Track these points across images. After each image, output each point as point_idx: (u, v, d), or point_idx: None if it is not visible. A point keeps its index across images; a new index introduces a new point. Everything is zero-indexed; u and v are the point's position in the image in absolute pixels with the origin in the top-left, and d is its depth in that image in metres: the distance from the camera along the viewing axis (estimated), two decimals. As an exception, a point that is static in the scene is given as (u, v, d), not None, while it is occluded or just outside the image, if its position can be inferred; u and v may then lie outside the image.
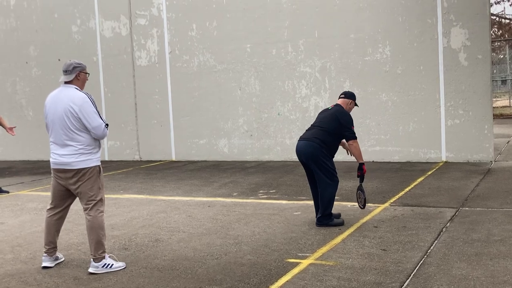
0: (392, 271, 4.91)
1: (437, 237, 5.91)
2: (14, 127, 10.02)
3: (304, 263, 5.22)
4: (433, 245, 5.64)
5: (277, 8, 12.73)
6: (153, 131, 14.28)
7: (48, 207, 5.53)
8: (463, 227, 6.29)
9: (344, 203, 7.77)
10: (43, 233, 5.53)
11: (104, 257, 5.26)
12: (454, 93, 11.35)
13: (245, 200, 8.42)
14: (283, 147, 12.93)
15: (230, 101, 13.36)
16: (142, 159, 14.41)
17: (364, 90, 12.08)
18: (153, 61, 14.12)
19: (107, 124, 5.33)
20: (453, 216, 6.82)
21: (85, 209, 5.33)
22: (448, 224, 6.45)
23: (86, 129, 5.23)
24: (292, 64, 12.71)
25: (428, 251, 5.43)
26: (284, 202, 8.16)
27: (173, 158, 14.08)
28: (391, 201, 7.89)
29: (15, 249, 6.21)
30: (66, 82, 5.35)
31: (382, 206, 7.55)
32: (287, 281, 4.76)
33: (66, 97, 5.26)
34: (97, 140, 5.35)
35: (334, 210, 6.78)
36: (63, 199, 5.47)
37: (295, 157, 12.20)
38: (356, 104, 7.15)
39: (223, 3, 13.23)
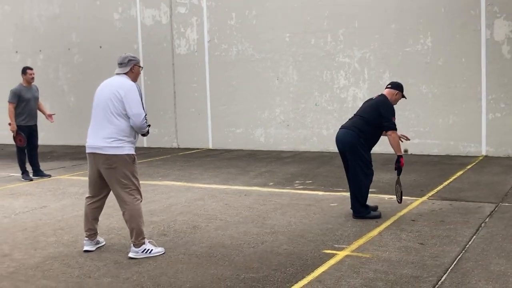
0: (430, 265, 4.88)
1: (475, 232, 5.84)
2: (53, 114, 10.34)
3: (341, 254, 5.23)
4: (472, 240, 5.58)
5: (317, -3, 12.66)
6: (191, 119, 14.41)
7: (87, 195, 5.66)
8: (502, 222, 6.20)
9: (381, 196, 7.73)
10: (83, 217, 5.66)
11: (144, 243, 5.35)
12: (496, 86, 11.13)
13: (281, 190, 8.45)
14: (320, 137, 12.89)
15: (268, 91, 13.37)
16: (179, 147, 14.56)
17: (404, 81, 11.77)
18: (192, 49, 14.22)
19: (149, 125, 5.42)
20: (492, 211, 6.72)
21: (117, 196, 5.40)
22: (487, 219, 6.36)
23: (126, 116, 5.27)
24: (331, 54, 12.63)
25: (466, 246, 5.38)
26: (320, 193, 8.16)
27: (210, 146, 14.19)
28: (430, 194, 7.81)
29: (57, 232, 6.37)
30: (118, 73, 5.49)
31: (420, 200, 7.48)
32: (323, 272, 4.78)
33: (116, 82, 5.39)
34: (133, 130, 5.35)
35: (371, 203, 6.77)
36: (100, 188, 5.53)
37: (332, 148, 12.22)
38: (403, 96, 7.01)
39: (263, -8, 13.23)
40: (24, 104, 9.91)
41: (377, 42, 12.15)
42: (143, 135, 5.50)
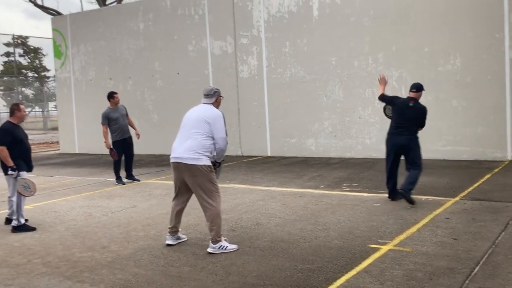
0: (463, 258, 4.73)
1: (504, 229, 5.62)
2: (139, 134, 10.73)
3: (384, 248, 5.13)
4: (500, 236, 5.38)
5: (359, 26, 12.51)
6: (252, 131, 14.48)
7: (173, 197, 5.74)
8: (529, 221, 5.94)
9: (419, 196, 7.53)
10: (168, 215, 5.76)
11: (221, 240, 5.32)
12: (520, 99, 10.69)
13: (331, 192, 8.36)
14: (364, 146, 12.70)
15: (317, 107, 13.30)
16: (243, 154, 14.65)
17: (436, 96, 11.64)
18: (253, 73, 14.31)
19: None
20: (519, 210, 6.45)
21: (200, 199, 5.32)
22: (515, 218, 6.11)
23: (208, 136, 5.32)
24: (372, 74, 12.44)
25: (496, 242, 5.18)
26: (365, 194, 8.03)
27: (269, 154, 14.22)
28: (461, 195, 7.56)
29: (145, 228, 6.50)
30: (204, 103, 5.58)
31: (453, 200, 7.25)
32: (369, 263, 4.71)
33: (204, 109, 5.51)
34: (211, 148, 5.37)
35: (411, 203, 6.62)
36: (183, 192, 5.54)
37: (374, 155, 12.03)
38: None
39: (312, 23, 13.18)
40: (114, 123, 10.06)
41: (413, 63, 11.89)
42: (220, 157, 5.52)
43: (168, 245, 5.61)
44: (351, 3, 12.59)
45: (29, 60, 51.95)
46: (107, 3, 32.85)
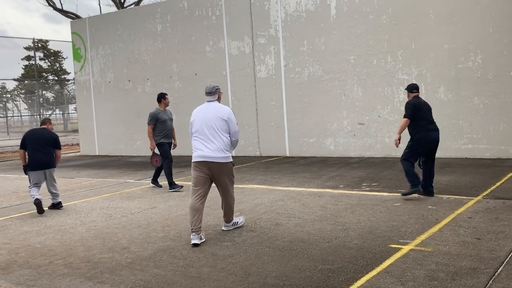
0: (486, 258, 4.65)
1: (529, 229, 5.52)
2: (176, 144, 10.04)
3: (405, 248, 5.07)
4: (525, 236, 5.27)
5: (378, 23, 12.42)
6: (270, 131, 14.48)
7: (194, 196, 5.86)
8: (554, 220, 5.82)
9: (440, 196, 7.45)
10: (187, 215, 5.79)
11: (233, 219, 6.25)
12: (544, 96, 10.49)
13: (350, 192, 8.30)
14: (383, 145, 12.60)
15: (336, 106, 13.23)
16: (262, 155, 14.66)
17: (457, 94, 11.49)
18: (270, 73, 14.30)
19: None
20: (544, 209, 6.33)
21: (225, 190, 6.03)
22: (540, 216, 5.99)
23: (227, 132, 5.87)
24: (391, 73, 12.35)
25: (521, 241, 5.08)
26: (385, 194, 7.96)
27: (287, 154, 14.19)
28: (484, 194, 7.45)
29: (165, 229, 6.52)
30: (209, 101, 6.06)
31: (476, 199, 7.14)
32: (390, 264, 4.65)
33: (216, 108, 5.96)
34: (230, 143, 5.95)
35: (437, 201, 6.54)
36: (206, 188, 5.93)
37: (394, 153, 11.93)
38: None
39: (330, 22, 13.12)
40: (162, 124, 9.58)
41: (432, 61, 11.76)
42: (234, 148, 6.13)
43: (195, 244, 5.63)
44: (369, 1, 12.50)
45: (49, 64, 52.73)
46: (125, 5, 33.16)
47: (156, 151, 9.75)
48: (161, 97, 9.88)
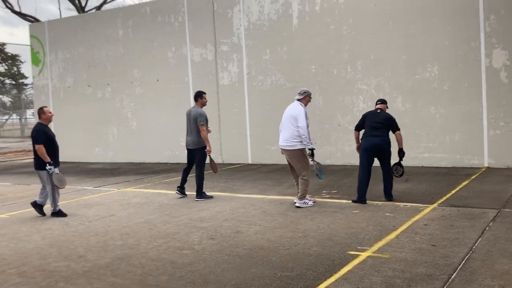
0: (441, 264, 4.76)
1: (481, 235, 5.68)
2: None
3: (363, 255, 5.14)
4: (478, 242, 5.43)
5: (338, 34, 12.62)
6: (233, 138, 14.47)
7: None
8: (504, 226, 6.01)
9: (397, 203, 7.60)
10: (146, 223, 5.69)
11: (306, 198, 7.72)
12: (496, 107, 10.88)
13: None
14: (343, 153, 12.78)
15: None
16: (224, 162, 14.62)
17: (414, 104, 11.78)
18: (233, 80, 14.31)
19: (313, 149, 7.82)
20: (495, 216, 6.53)
21: (300, 174, 7.68)
22: (491, 223, 6.18)
23: (297, 126, 7.60)
24: (351, 82, 12.55)
25: (473, 248, 5.23)
26: (344, 201, 8.07)
27: (249, 162, 14.20)
28: (439, 202, 7.64)
29: (123, 237, 6.40)
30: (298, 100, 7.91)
31: (431, 207, 7.32)
32: (348, 270, 4.71)
33: (294, 106, 7.95)
34: (299, 134, 7.57)
35: (389, 209, 6.66)
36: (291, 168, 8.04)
37: (353, 162, 12.08)
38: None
39: (292, 31, 13.25)
40: (207, 125, 8.73)
41: (390, 71, 12.03)
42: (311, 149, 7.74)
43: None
44: (330, 12, 12.70)
45: (6, 67, 51.20)
46: (86, 10, 32.60)
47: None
48: (198, 96, 8.80)
